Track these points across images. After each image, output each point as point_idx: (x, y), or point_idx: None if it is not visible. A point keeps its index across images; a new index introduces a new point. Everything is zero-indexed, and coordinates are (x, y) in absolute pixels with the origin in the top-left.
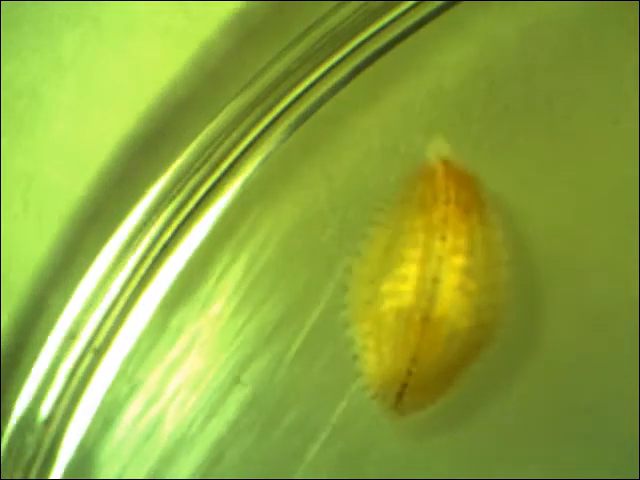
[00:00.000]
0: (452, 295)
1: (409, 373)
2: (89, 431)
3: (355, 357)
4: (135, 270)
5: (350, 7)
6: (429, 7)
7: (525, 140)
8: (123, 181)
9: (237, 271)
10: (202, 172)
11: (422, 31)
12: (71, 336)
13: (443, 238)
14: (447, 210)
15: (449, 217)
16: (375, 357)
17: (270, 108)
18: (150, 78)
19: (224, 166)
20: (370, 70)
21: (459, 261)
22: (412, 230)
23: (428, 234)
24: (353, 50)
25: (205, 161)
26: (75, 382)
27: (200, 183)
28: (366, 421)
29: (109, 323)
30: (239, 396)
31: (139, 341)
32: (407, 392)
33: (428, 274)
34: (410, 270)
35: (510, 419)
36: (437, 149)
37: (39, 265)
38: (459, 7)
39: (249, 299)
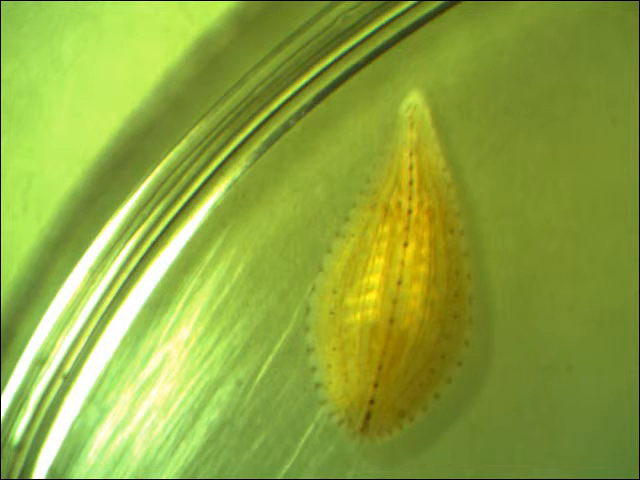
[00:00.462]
0: (415, 304)
1: (375, 385)
2: (60, 456)
3: (319, 385)
4: (104, 295)
5: (320, 25)
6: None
7: (525, 140)
8: (90, 204)
9: (204, 295)
10: (169, 196)
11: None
12: (41, 362)
13: (406, 245)
14: (410, 219)
15: (412, 226)
16: (340, 377)
17: (239, 130)
18: (149, 78)
19: (191, 190)
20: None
21: (422, 269)
22: (376, 239)
23: (391, 242)
24: (324, 70)
25: (172, 185)
26: (45, 407)
27: (168, 207)
28: (336, 442)
29: (78, 348)
30: (208, 420)
31: (108, 366)
32: (374, 411)
33: (392, 279)
34: (374, 278)
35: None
36: (412, 105)
37: (10, 288)
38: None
39: (217, 322)
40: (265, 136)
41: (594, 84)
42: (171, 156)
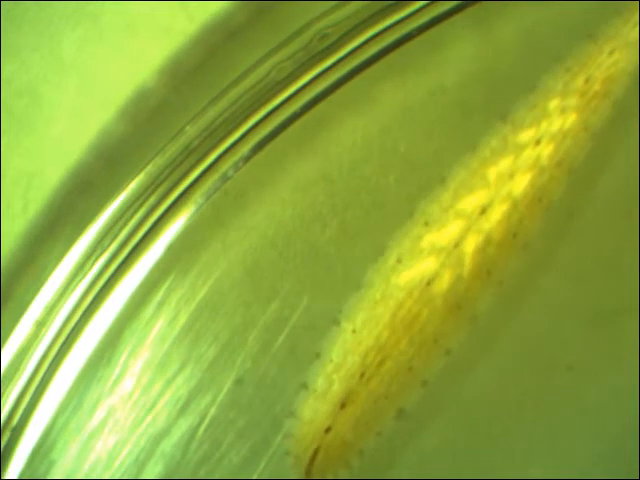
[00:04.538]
0: (476, 242)
1: (342, 406)
2: None
3: (305, 386)
4: (48, 348)
5: (257, 75)
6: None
7: None
8: (27, 266)
9: (147, 348)
10: (108, 252)
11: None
12: None
13: (538, 142)
14: (587, 87)
15: (574, 102)
16: (328, 386)
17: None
18: (149, 78)
19: (132, 243)
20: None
21: (518, 188)
22: (507, 150)
23: (541, 127)
24: (261, 121)
25: (112, 240)
26: None
27: (107, 263)
28: None
29: (25, 401)
30: (153, 471)
31: (54, 419)
32: (322, 448)
33: (486, 200)
34: (478, 196)
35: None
36: None
37: None
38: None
39: (161, 374)
40: (203, 188)
41: None
42: (110, 211)
